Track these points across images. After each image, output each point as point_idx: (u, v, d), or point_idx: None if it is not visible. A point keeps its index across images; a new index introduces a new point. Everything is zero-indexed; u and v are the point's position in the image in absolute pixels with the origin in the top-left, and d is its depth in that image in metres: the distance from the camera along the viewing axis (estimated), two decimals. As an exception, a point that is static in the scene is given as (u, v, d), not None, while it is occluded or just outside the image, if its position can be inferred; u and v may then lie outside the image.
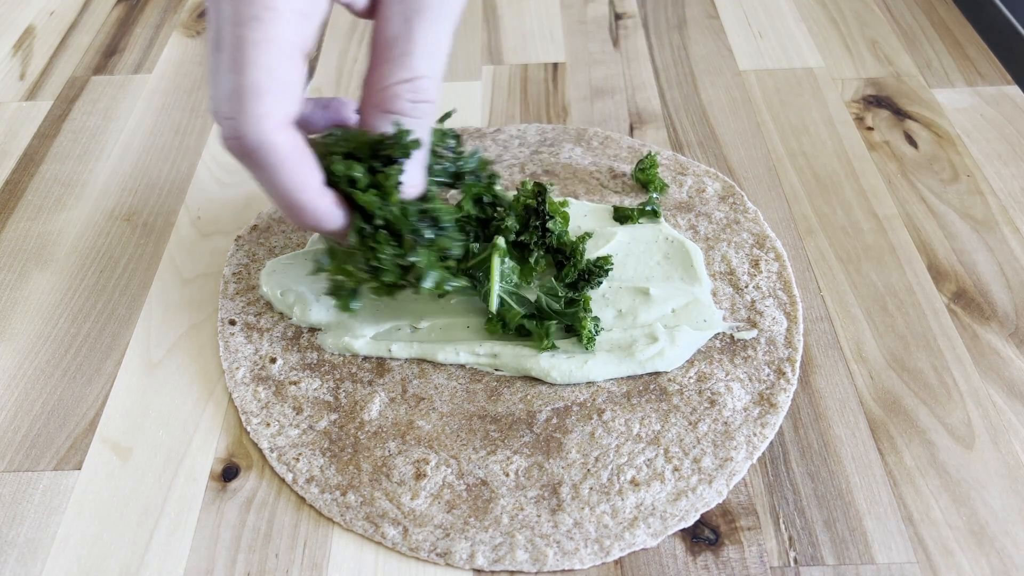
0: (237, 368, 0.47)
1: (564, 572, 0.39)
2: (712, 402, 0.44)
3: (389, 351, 0.47)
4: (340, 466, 0.43)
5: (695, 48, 0.72)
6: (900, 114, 0.64)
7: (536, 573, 0.39)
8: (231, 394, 0.46)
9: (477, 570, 0.39)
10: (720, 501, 0.41)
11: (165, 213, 0.58)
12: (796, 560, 0.39)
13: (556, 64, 0.71)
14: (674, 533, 0.40)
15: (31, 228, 0.57)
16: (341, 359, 0.47)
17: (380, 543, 0.40)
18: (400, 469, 0.42)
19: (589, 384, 0.46)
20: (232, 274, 0.52)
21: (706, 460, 0.42)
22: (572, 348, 0.46)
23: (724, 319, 0.48)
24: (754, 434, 0.43)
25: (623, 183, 0.58)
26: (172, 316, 0.51)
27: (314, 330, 0.49)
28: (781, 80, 0.68)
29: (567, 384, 0.45)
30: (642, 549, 0.39)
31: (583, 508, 0.40)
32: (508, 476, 0.42)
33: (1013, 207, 0.56)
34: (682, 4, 0.78)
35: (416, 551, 0.40)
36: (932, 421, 0.44)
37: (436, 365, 0.47)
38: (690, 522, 0.40)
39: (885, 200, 0.56)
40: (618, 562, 0.39)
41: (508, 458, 0.43)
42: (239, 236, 0.55)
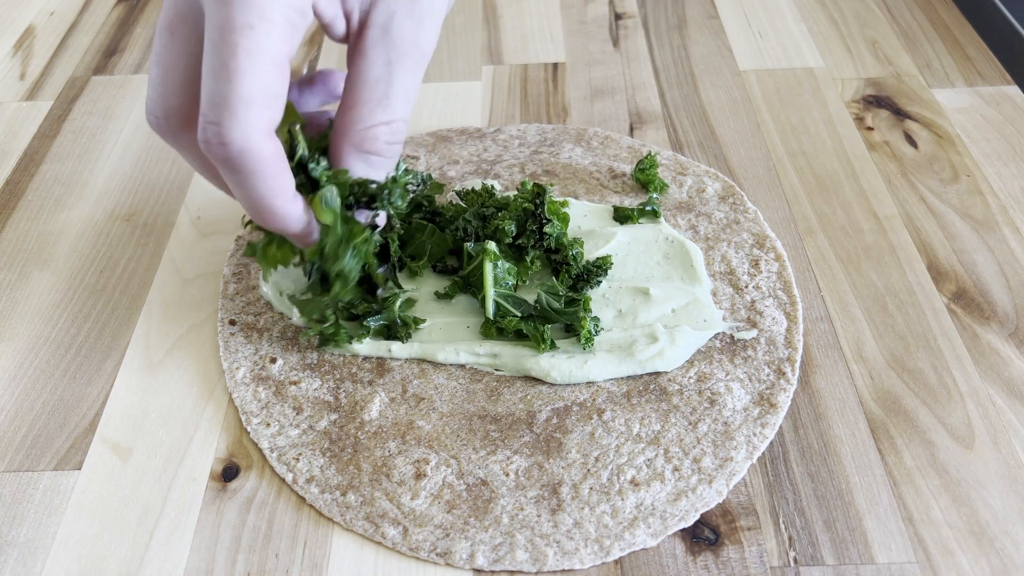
0: (237, 368, 0.47)
1: (564, 572, 0.39)
2: (712, 402, 0.44)
3: (389, 351, 0.47)
4: (340, 466, 0.43)
5: (695, 48, 0.72)
6: (900, 114, 0.64)
7: (536, 573, 0.39)
8: (231, 394, 0.46)
9: (477, 570, 0.39)
10: (720, 501, 0.41)
11: (165, 213, 0.58)
12: (796, 560, 0.39)
13: (556, 64, 0.71)
14: (674, 533, 0.40)
15: (31, 228, 0.57)
16: (341, 359, 0.47)
17: (380, 543, 0.40)
18: (400, 469, 0.42)
19: (589, 384, 0.46)
20: (232, 274, 0.52)
21: (706, 460, 0.42)
22: (572, 348, 0.46)
23: (724, 319, 0.48)
24: (754, 434, 0.43)
25: (623, 183, 0.58)
26: (172, 316, 0.51)
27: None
28: (781, 80, 0.68)
29: (567, 384, 0.45)
30: (642, 549, 0.39)
31: (583, 508, 0.40)
32: (508, 476, 0.42)
33: (1013, 207, 0.56)
34: (682, 4, 0.78)
35: (416, 551, 0.40)
36: (932, 421, 0.44)
37: (436, 365, 0.47)
38: (690, 522, 0.40)
39: (885, 200, 0.56)
40: (618, 562, 0.39)
41: (508, 458, 0.43)
42: (239, 236, 0.55)
